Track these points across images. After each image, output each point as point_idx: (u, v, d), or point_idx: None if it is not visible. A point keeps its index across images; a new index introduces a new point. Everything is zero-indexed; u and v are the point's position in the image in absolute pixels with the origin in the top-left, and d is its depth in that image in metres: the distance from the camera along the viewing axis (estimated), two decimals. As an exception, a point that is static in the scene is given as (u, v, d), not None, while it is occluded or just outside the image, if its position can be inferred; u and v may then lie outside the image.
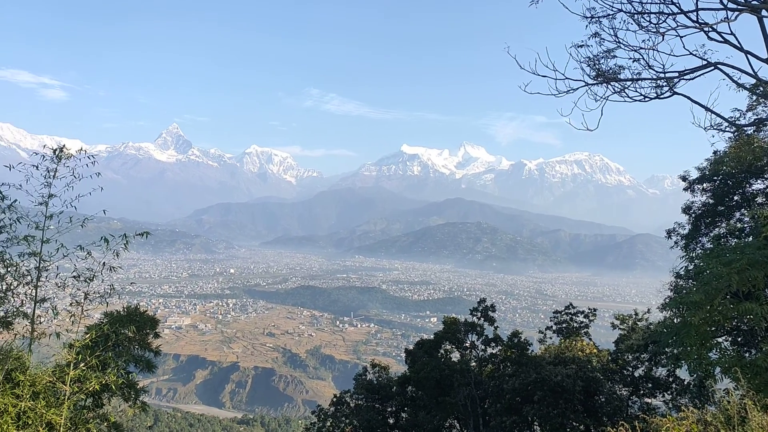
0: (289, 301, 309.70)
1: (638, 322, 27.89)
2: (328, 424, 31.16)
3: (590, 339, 30.33)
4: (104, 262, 12.03)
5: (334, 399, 32.27)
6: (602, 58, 10.14)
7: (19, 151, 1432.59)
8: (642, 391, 25.96)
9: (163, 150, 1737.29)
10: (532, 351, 28.99)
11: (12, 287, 11.84)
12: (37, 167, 12.05)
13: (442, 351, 29.13)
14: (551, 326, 31.59)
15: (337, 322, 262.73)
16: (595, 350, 28.38)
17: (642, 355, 25.65)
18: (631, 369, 26.43)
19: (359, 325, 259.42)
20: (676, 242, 24.18)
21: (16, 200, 12.09)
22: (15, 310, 11.88)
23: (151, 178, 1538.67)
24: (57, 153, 12.25)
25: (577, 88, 9.97)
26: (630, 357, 26.36)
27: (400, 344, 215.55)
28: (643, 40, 9.77)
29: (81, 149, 12.52)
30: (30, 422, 10.44)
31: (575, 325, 30.77)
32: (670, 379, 25.01)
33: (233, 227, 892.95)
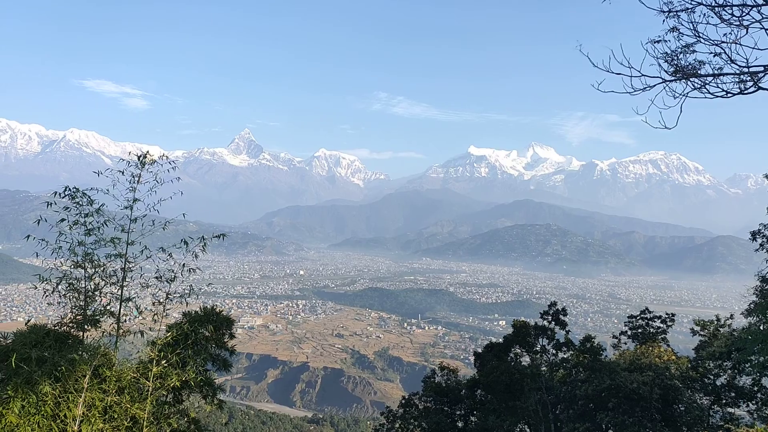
0: (357, 303, 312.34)
1: (720, 328, 26.73)
2: (397, 425, 31.24)
3: (668, 345, 29.29)
4: (184, 264, 12.54)
5: (403, 401, 32.31)
6: (680, 53, 9.74)
7: (104, 158, 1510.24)
8: (724, 401, 24.84)
9: (235, 155, 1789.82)
10: (606, 356, 28.21)
11: (99, 287, 12.49)
12: (122, 173, 12.69)
13: (511, 355, 28.71)
14: (626, 331, 30.70)
15: (405, 324, 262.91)
16: (673, 357, 27.34)
17: (725, 363, 24.55)
18: (712, 377, 25.31)
19: (427, 328, 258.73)
20: (761, 245, 22.94)
21: (103, 204, 12.77)
22: (102, 309, 12.53)
23: (225, 182, 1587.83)
24: (141, 159, 12.85)
25: (654, 85, 9.62)
26: (711, 364, 25.26)
27: (468, 347, 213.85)
28: (725, 34, 9.34)
29: (162, 155, 13.10)
30: (116, 416, 10.96)
31: (651, 330, 29.77)
32: (755, 389, 23.82)
33: (302, 230, 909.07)
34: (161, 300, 12.80)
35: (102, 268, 12.51)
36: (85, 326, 12.22)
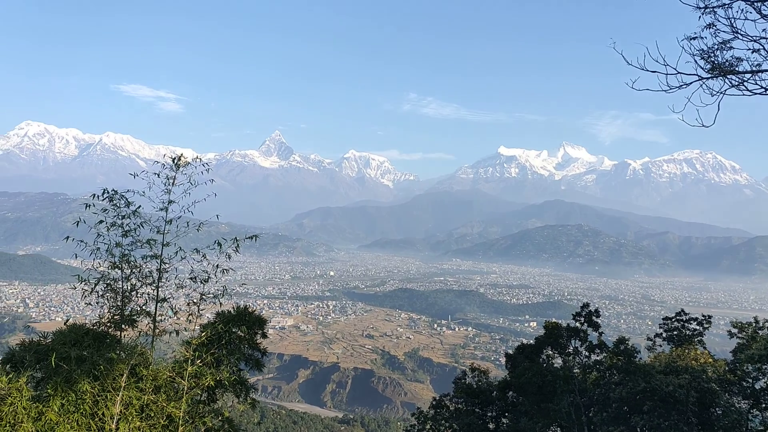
0: (387, 304, 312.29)
1: (759, 331, 26.08)
2: (428, 427, 31.16)
3: (704, 347, 28.68)
4: (217, 265, 12.72)
5: (434, 402, 32.23)
6: (717, 50, 9.57)
7: (138, 161, 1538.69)
8: (764, 404, 24.22)
9: (266, 157, 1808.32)
10: (640, 359, 27.74)
11: (136, 288, 12.74)
12: (158, 175, 12.92)
13: (543, 356, 28.43)
14: (661, 333, 30.17)
15: (435, 325, 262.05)
16: (710, 360, 26.78)
17: (764, 366, 23.94)
18: (751, 380, 24.69)
19: (457, 329, 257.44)
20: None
21: (140, 206, 13.02)
22: (139, 309, 12.77)
23: (256, 184, 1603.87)
24: (176, 161, 13.05)
25: (691, 83, 9.45)
26: (750, 368, 24.65)
27: (498, 348, 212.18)
28: (764, 29, 9.14)
29: (196, 158, 13.30)
30: (152, 415, 11.16)
31: (687, 332, 29.20)
32: (797, 393, 23.18)
33: (332, 231, 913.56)
34: (195, 300, 12.99)
35: (138, 269, 12.75)
36: (123, 326, 12.48)
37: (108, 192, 12.84)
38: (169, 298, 13.18)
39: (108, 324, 12.45)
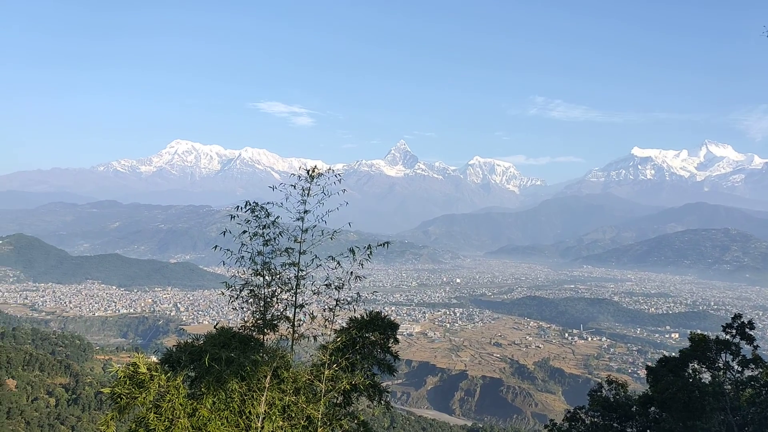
0: (515, 312, 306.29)
1: None
2: (562, 440, 30.13)
3: None
4: (351, 271, 13.14)
5: (568, 414, 31.09)
6: None
7: (273, 173, 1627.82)
8: None
9: (392, 166, 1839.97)
10: (803, 376, 25.14)
11: (276, 294, 13.47)
12: (294, 186, 13.63)
13: (689, 370, 26.54)
14: (828, 348, 27.20)
15: (566, 335, 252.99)
16: None
17: None
18: None
19: (589, 338, 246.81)
20: None
21: (278, 216, 13.78)
22: (279, 314, 13.48)
23: (382, 193, 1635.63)
24: (310, 173, 13.70)
25: None
26: None
27: (636, 360, 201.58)
28: None
29: (329, 169, 13.87)
30: (293, 415, 11.75)
31: None
32: None
33: (458, 238, 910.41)
34: (330, 306, 13.51)
35: (279, 276, 13.46)
36: (265, 330, 13.22)
37: (250, 204, 13.72)
38: (306, 304, 13.77)
39: (252, 328, 13.24)
